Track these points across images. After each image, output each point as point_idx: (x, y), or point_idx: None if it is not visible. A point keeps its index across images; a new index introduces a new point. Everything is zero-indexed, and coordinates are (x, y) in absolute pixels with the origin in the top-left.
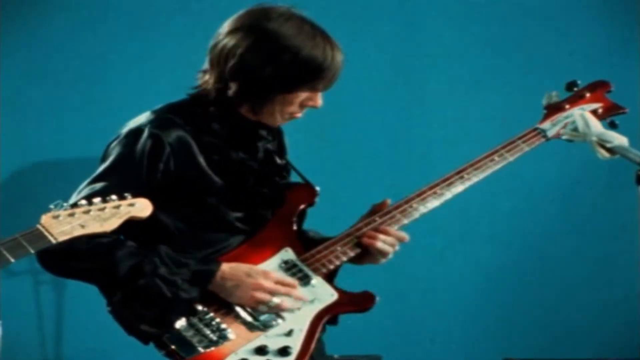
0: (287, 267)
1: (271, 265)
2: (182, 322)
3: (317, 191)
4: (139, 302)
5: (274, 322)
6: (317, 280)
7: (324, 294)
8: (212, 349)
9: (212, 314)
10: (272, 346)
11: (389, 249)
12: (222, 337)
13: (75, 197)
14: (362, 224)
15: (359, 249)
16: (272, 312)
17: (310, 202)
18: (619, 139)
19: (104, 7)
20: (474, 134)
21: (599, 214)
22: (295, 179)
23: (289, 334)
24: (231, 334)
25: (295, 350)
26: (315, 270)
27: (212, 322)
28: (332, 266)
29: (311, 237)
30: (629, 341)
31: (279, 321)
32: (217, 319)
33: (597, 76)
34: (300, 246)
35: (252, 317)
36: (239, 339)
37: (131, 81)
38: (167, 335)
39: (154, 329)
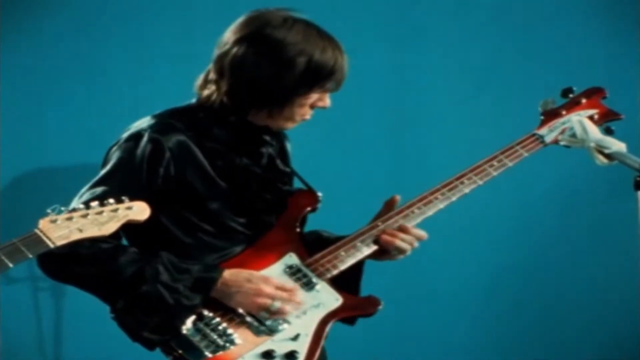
0: (292, 272)
1: (275, 270)
2: (189, 327)
3: (319, 197)
4: (141, 308)
5: (280, 327)
6: (322, 285)
7: (328, 298)
8: (219, 353)
9: (218, 319)
10: (279, 351)
11: (408, 247)
12: (229, 342)
13: (76, 202)
14: (374, 224)
15: (376, 247)
16: (273, 317)
17: (312, 208)
18: (617, 145)
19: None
20: (472, 138)
21: (598, 220)
22: (297, 184)
23: (295, 338)
24: (238, 339)
25: (302, 354)
26: (319, 275)
27: (219, 327)
28: (336, 271)
29: (325, 237)
30: (629, 345)
31: (285, 326)
32: (224, 324)
33: (596, 79)
34: (304, 251)
35: (258, 322)
36: (246, 344)
37: (134, 85)
38: (174, 340)
39: (157, 336)
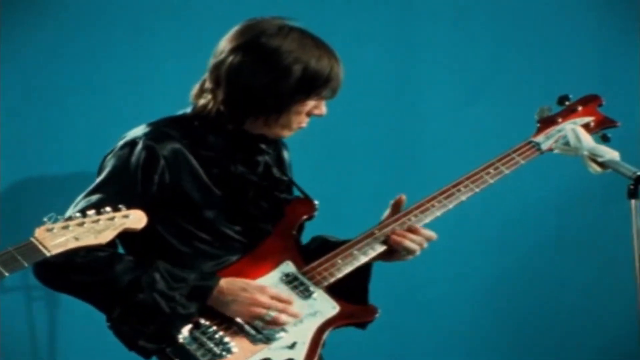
0: (288, 280)
1: (272, 278)
2: (186, 336)
3: (316, 205)
4: (137, 317)
5: (277, 335)
6: (319, 293)
7: (325, 306)
8: None
9: (215, 328)
10: (276, 359)
11: (417, 247)
12: (226, 351)
13: (71, 210)
14: (372, 231)
15: (384, 247)
16: (267, 327)
17: (309, 216)
18: (610, 154)
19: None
20: (469, 144)
21: (592, 227)
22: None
23: (292, 346)
24: (235, 347)
25: None
26: (316, 283)
27: (216, 336)
28: (333, 279)
29: (332, 242)
30: (625, 349)
31: (282, 334)
32: (220, 333)
33: (595, 83)
34: (301, 259)
35: (255, 331)
36: (243, 352)
37: (136, 90)
38: (170, 349)
39: (153, 345)
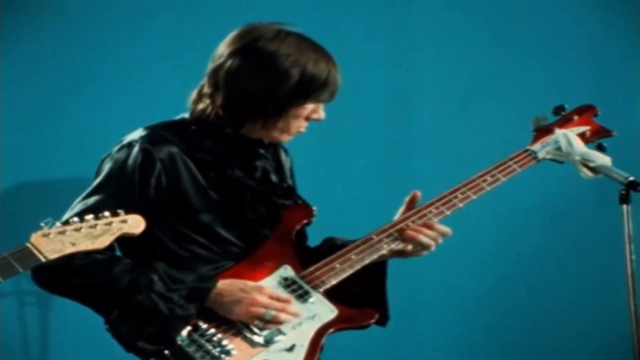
0: (287, 284)
1: (270, 282)
2: (184, 338)
3: (314, 211)
4: (135, 318)
5: (275, 338)
6: (317, 296)
7: (324, 310)
8: None
9: (213, 330)
10: None
11: (432, 243)
12: (225, 353)
13: (68, 214)
14: (369, 237)
15: (400, 242)
16: (267, 327)
17: (308, 221)
18: (602, 159)
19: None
20: (464, 149)
21: (584, 232)
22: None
23: (291, 349)
24: (233, 350)
25: None
26: (314, 287)
27: (214, 338)
28: (331, 283)
29: (339, 244)
30: (618, 354)
31: (281, 337)
32: (219, 335)
33: (593, 88)
34: (299, 264)
35: (253, 333)
36: (242, 355)
37: (134, 92)
38: (168, 350)
39: (152, 346)
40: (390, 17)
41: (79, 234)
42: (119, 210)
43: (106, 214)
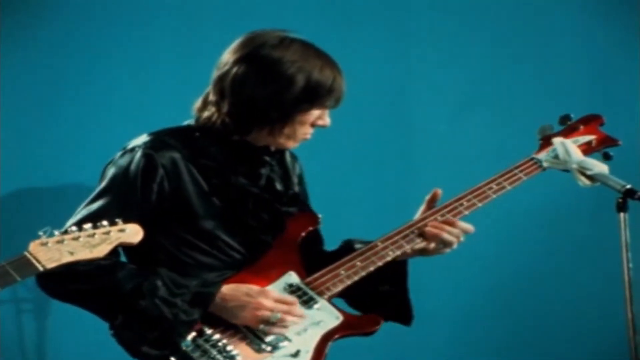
0: (292, 290)
1: (276, 288)
2: (189, 343)
3: (319, 218)
4: (140, 323)
5: (280, 344)
6: (322, 303)
7: (329, 316)
8: None
9: (218, 336)
10: None
11: (454, 240)
12: (229, 358)
13: (72, 220)
14: (374, 244)
15: (421, 240)
16: (273, 330)
17: (313, 229)
18: (599, 167)
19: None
20: (465, 153)
21: (582, 240)
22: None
23: (296, 355)
24: (238, 356)
25: None
26: (319, 293)
27: (219, 344)
28: (337, 289)
29: (357, 248)
30: None
31: (286, 343)
32: (224, 341)
33: (589, 92)
34: (304, 271)
35: (258, 339)
36: None
37: (133, 97)
38: (173, 355)
39: (156, 351)
40: (391, 20)
41: (77, 243)
42: (120, 216)
43: (104, 223)
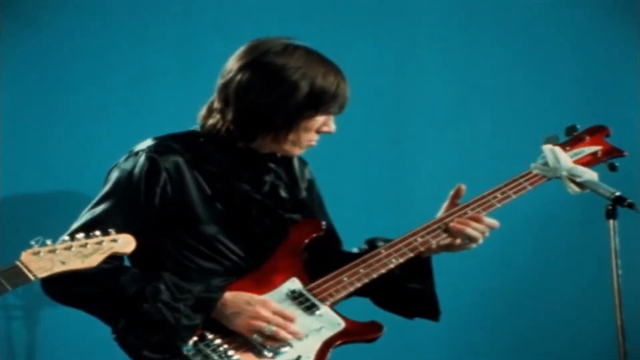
0: (294, 296)
1: (278, 294)
2: (190, 348)
3: (322, 225)
4: (142, 327)
5: (281, 349)
6: (324, 309)
7: (330, 323)
8: None
9: (219, 341)
10: None
11: (479, 235)
12: None
13: (76, 223)
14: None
15: (445, 235)
16: (265, 343)
17: (316, 235)
18: (588, 174)
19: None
20: (461, 155)
21: (571, 247)
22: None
23: None
24: None
25: None
26: (322, 299)
27: (220, 349)
28: (339, 296)
29: (379, 245)
30: None
31: (287, 348)
32: (225, 346)
33: (593, 93)
34: (306, 278)
35: (260, 345)
36: None
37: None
38: None
39: (158, 355)
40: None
41: (69, 252)
42: (124, 220)
43: (97, 232)
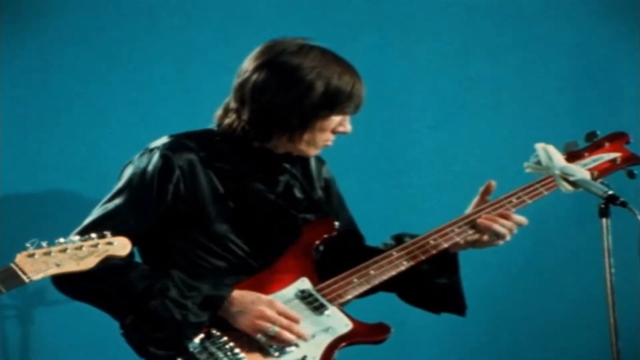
0: (303, 296)
1: (287, 293)
2: (196, 345)
3: (335, 225)
4: (149, 323)
5: (287, 349)
6: (332, 310)
7: (338, 323)
8: None
9: (225, 338)
10: None
11: (506, 232)
12: None
13: (88, 219)
14: (388, 253)
15: (473, 231)
16: (270, 342)
17: (329, 235)
18: (581, 173)
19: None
20: (460, 157)
21: (564, 246)
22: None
23: None
24: (245, 359)
25: None
26: (331, 300)
27: (226, 346)
28: (348, 297)
29: (406, 241)
30: None
31: (293, 348)
32: (231, 344)
33: (592, 94)
34: (316, 278)
35: (265, 344)
36: None
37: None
38: (180, 356)
39: (163, 352)
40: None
41: (64, 255)
42: (136, 216)
43: (93, 235)
